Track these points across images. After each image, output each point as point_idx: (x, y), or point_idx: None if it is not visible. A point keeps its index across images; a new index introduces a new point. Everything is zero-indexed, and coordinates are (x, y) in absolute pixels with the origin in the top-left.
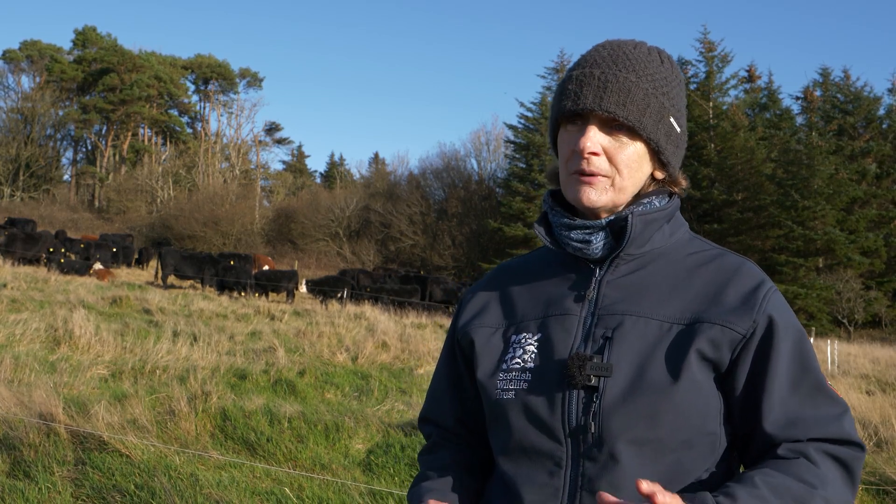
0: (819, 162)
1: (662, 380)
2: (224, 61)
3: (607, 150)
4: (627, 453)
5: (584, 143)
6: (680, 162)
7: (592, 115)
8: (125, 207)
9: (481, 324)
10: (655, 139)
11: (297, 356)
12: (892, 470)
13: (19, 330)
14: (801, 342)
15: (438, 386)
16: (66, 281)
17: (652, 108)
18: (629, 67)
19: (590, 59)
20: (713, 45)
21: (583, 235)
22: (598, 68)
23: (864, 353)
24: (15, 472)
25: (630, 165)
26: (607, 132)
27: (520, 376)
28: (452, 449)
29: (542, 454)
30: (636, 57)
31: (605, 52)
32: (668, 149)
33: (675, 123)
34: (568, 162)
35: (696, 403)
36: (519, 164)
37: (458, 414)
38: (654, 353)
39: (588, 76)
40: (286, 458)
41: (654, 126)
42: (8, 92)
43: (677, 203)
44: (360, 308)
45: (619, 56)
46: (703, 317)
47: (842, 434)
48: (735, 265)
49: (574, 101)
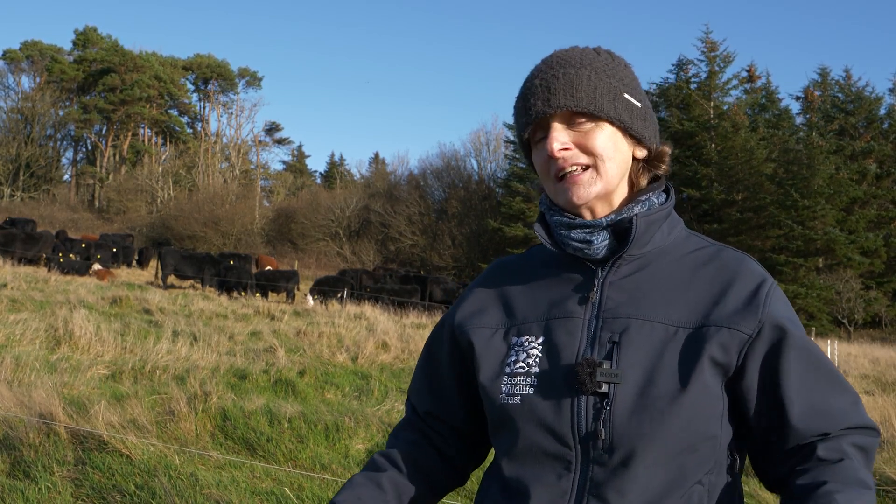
0: (819, 162)
1: (673, 386)
2: (224, 61)
3: (577, 142)
4: (636, 459)
5: (552, 144)
6: (655, 135)
7: (550, 118)
8: (125, 207)
9: (480, 324)
10: (617, 116)
11: (297, 356)
12: (893, 470)
13: (19, 330)
14: (803, 336)
15: (418, 373)
16: (66, 281)
17: (601, 90)
18: (567, 64)
19: (529, 76)
20: (715, 44)
21: (583, 235)
22: (537, 78)
23: (864, 353)
24: (15, 472)
25: (606, 147)
26: (571, 127)
27: (525, 381)
28: (412, 440)
29: (551, 457)
30: (571, 54)
31: (542, 64)
32: (635, 123)
33: (632, 99)
34: (547, 172)
35: (704, 409)
36: (519, 164)
37: (428, 406)
38: (662, 359)
39: (530, 88)
40: (286, 458)
41: (610, 104)
42: (8, 92)
43: (673, 201)
44: (360, 308)
45: (555, 60)
46: (710, 320)
47: (862, 421)
48: (736, 263)
49: (526, 114)
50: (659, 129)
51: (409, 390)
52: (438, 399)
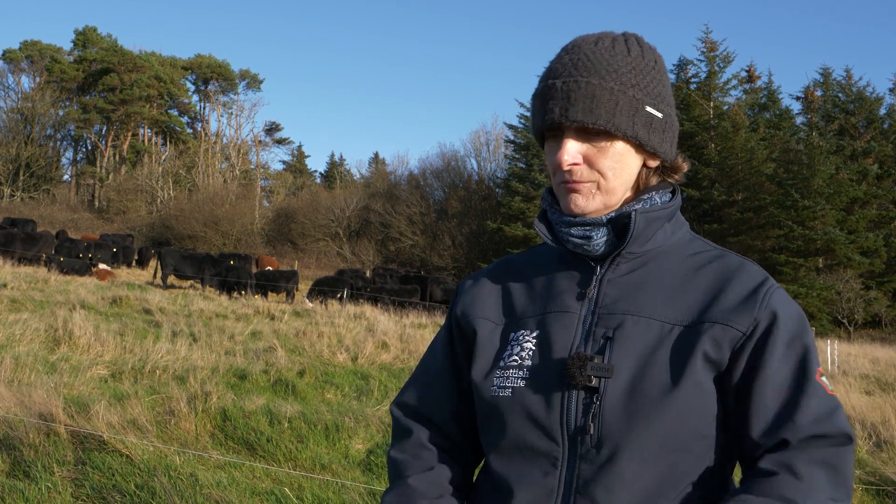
0: (819, 162)
1: (664, 382)
2: (224, 62)
3: (587, 156)
4: (625, 456)
5: (562, 156)
6: (673, 145)
7: (564, 127)
8: (125, 207)
9: (483, 315)
10: (633, 134)
11: (297, 356)
12: (892, 470)
13: (19, 330)
14: (801, 338)
15: (433, 371)
16: (66, 281)
17: (622, 106)
18: (591, 70)
19: (553, 69)
20: (715, 44)
21: (583, 232)
22: (559, 79)
23: (864, 353)
24: (15, 472)
25: (613, 167)
26: (584, 139)
27: (517, 374)
28: (446, 461)
29: (538, 453)
30: (597, 56)
31: (567, 57)
32: (651, 139)
33: (653, 111)
34: (554, 174)
35: (696, 406)
36: (519, 164)
37: (455, 407)
38: (655, 355)
39: (551, 88)
40: (286, 459)
41: (628, 122)
42: (8, 92)
43: (679, 202)
44: (359, 308)
45: (580, 60)
46: (705, 317)
47: (833, 429)
48: (736, 265)
49: (542, 117)
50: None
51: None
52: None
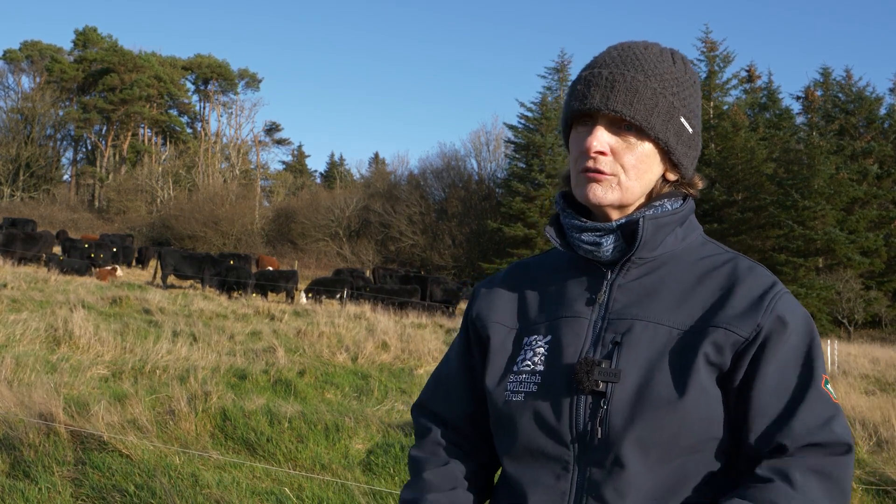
0: (819, 162)
1: (671, 386)
2: (224, 61)
3: (614, 149)
4: (633, 459)
5: (591, 142)
6: (694, 163)
7: (600, 114)
8: (125, 207)
9: (497, 319)
10: (664, 139)
11: (296, 356)
12: (892, 470)
13: (19, 330)
14: (806, 344)
15: (449, 374)
16: (66, 281)
17: (661, 108)
18: (638, 67)
19: (600, 60)
20: (715, 44)
21: (593, 237)
22: (606, 68)
23: (864, 353)
24: (15, 472)
25: (638, 166)
26: (615, 132)
27: (529, 379)
28: (461, 457)
29: (549, 458)
30: (646, 57)
31: (616, 52)
32: (678, 149)
33: (686, 124)
34: (577, 161)
35: (703, 409)
36: (519, 164)
37: (470, 409)
38: (662, 360)
39: (596, 76)
40: (286, 459)
41: (662, 126)
42: (8, 92)
43: (691, 206)
44: (360, 308)
45: (629, 56)
46: (710, 321)
47: (832, 438)
48: (745, 270)
49: (581, 101)
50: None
51: (428, 401)
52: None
